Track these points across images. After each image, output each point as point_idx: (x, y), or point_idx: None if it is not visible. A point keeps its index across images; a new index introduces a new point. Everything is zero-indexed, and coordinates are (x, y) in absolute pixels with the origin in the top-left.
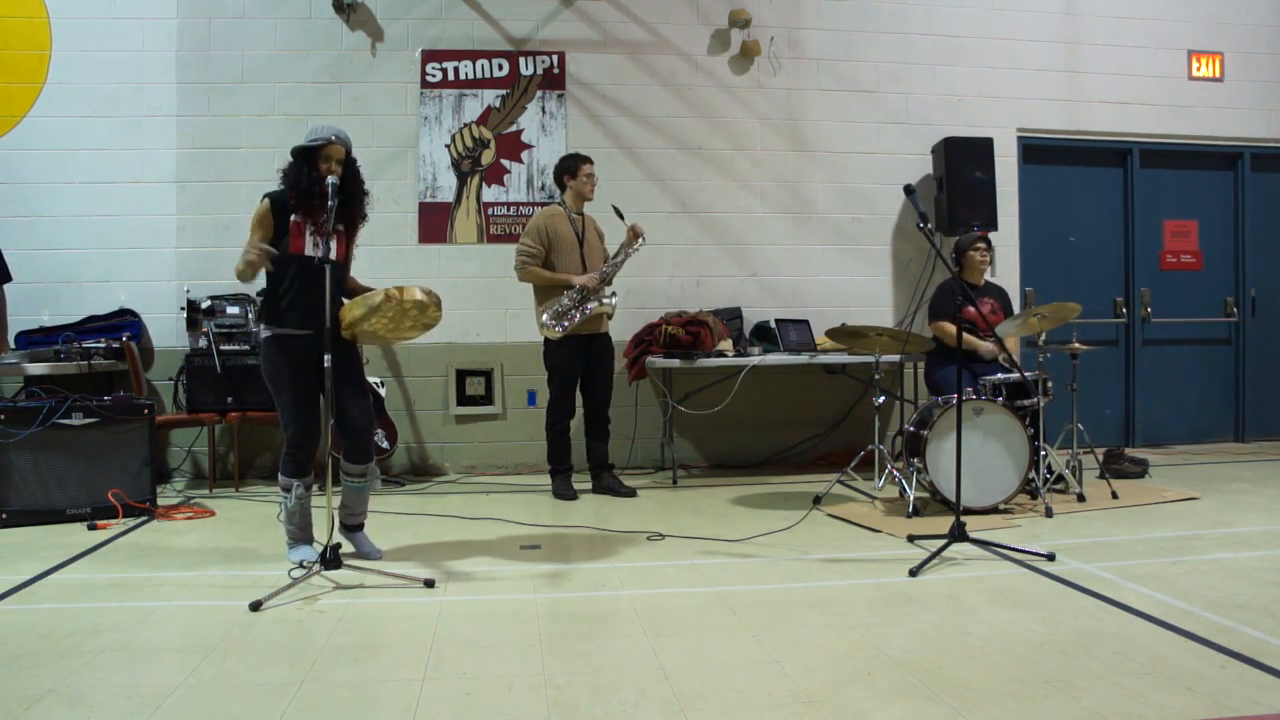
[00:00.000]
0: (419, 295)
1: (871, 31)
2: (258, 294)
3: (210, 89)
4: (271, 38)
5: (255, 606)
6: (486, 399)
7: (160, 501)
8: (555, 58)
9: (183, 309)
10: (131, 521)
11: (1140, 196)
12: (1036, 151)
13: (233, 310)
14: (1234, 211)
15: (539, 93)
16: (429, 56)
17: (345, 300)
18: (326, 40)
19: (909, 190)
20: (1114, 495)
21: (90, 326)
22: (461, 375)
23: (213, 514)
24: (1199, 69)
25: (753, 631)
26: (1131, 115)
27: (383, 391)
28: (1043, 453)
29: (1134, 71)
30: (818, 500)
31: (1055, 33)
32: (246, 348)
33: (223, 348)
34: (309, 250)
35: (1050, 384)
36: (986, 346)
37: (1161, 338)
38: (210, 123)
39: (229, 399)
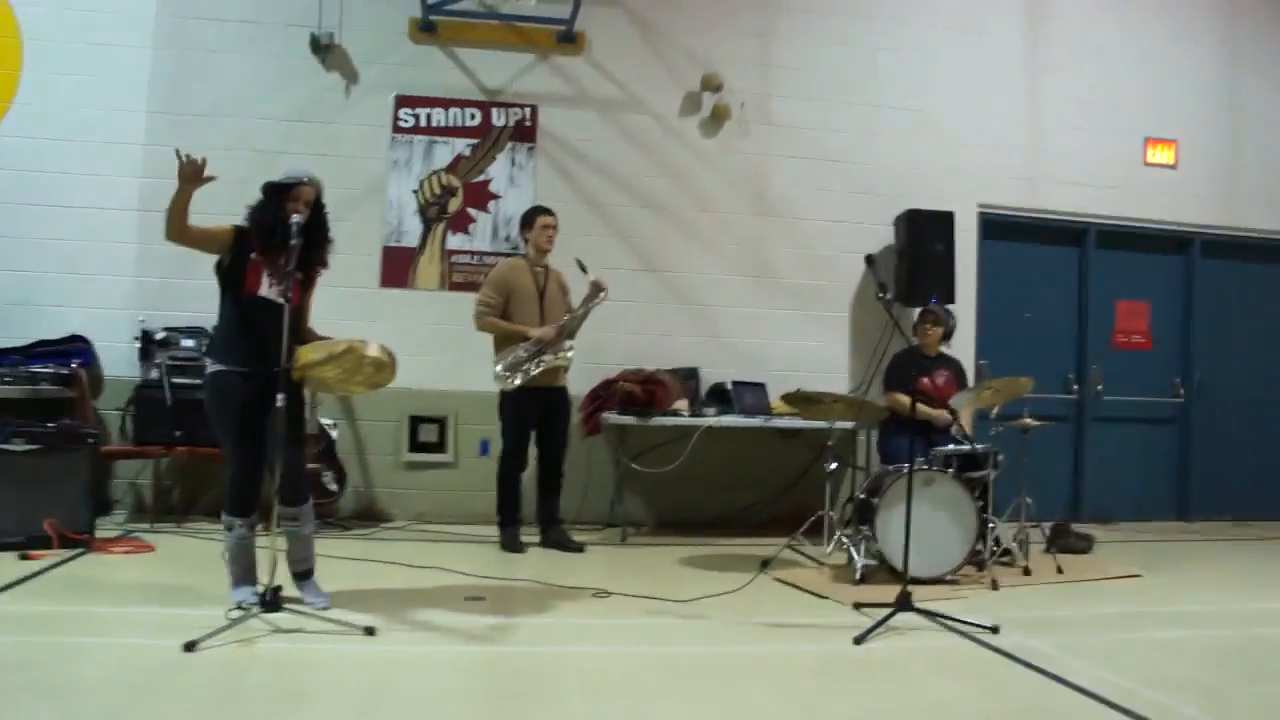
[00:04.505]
0: (379, 354)
1: (841, 102)
2: (214, 329)
3: (180, 120)
4: (245, 73)
5: (190, 647)
6: (439, 446)
7: (99, 534)
8: (528, 110)
9: (136, 339)
10: (67, 553)
11: (1095, 276)
12: (997, 227)
13: (188, 343)
14: (1184, 294)
15: (509, 144)
16: (402, 102)
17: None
18: (301, 79)
19: (869, 260)
20: (1059, 570)
21: (39, 350)
22: (415, 421)
23: (152, 549)
24: (1155, 155)
25: (694, 695)
26: (1089, 197)
27: (334, 434)
28: (991, 525)
29: (1093, 154)
30: (765, 564)
31: (1019, 112)
32: (199, 381)
33: (175, 380)
34: (263, 291)
35: (1001, 457)
36: (940, 414)
37: (1110, 415)
38: None
39: (177, 432)
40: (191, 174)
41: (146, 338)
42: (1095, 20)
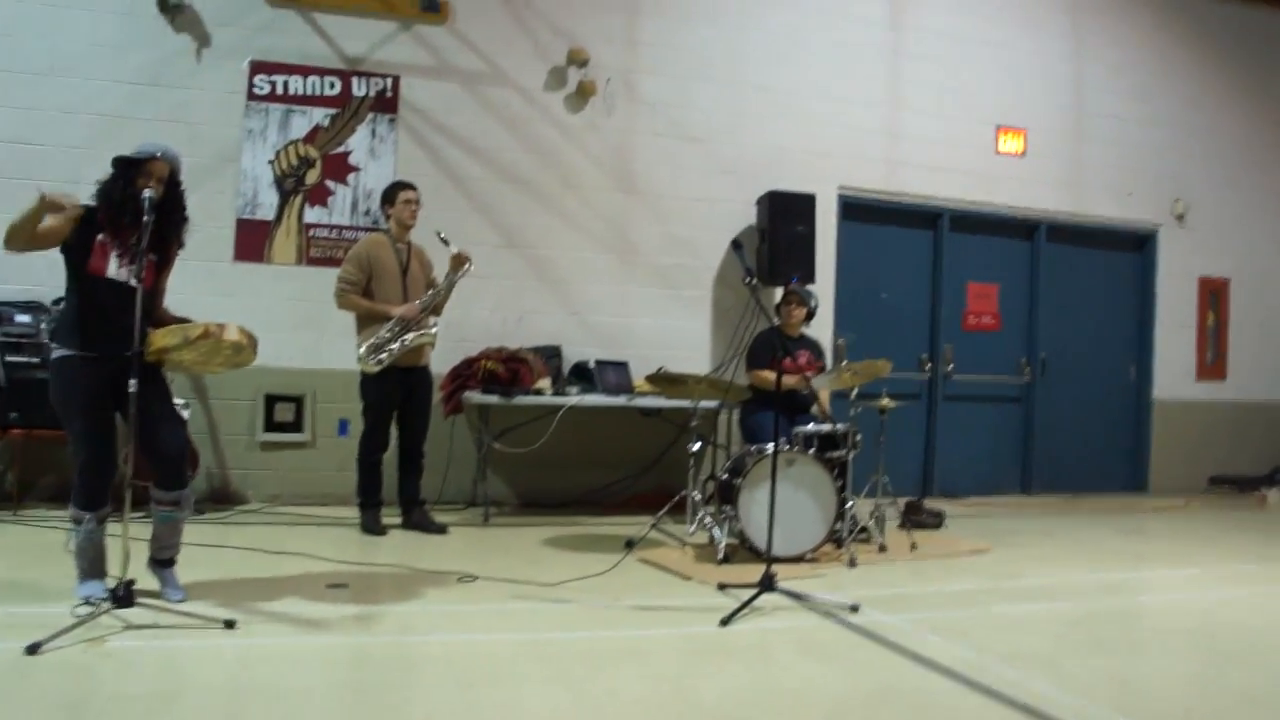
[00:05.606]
0: (239, 337)
1: (705, 81)
2: (53, 303)
3: (14, 77)
4: (86, 30)
5: (33, 649)
6: (296, 426)
7: None
8: (389, 81)
9: None
10: None
11: (948, 259)
12: (856, 209)
13: (23, 319)
14: (1030, 278)
15: (370, 115)
16: (258, 68)
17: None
18: (148, 40)
19: (736, 245)
20: (913, 546)
21: None
22: (271, 400)
23: None
24: (1005, 143)
25: (566, 682)
26: (944, 181)
27: (186, 414)
28: (849, 504)
29: (948, 140)
30: (630, 544)
31: (880, 96)
32: (36, 360)
33: (9, 358)
34: (111, 273)
35: (859, 436)
36: (799, 381)
37: (960, 394)
38: (9, 114)
39: (13, 414)
40: (51, 208)
41: None
42: (953, 8)
